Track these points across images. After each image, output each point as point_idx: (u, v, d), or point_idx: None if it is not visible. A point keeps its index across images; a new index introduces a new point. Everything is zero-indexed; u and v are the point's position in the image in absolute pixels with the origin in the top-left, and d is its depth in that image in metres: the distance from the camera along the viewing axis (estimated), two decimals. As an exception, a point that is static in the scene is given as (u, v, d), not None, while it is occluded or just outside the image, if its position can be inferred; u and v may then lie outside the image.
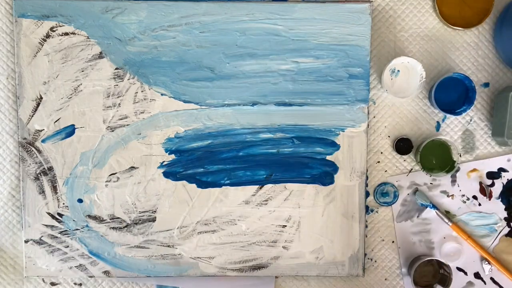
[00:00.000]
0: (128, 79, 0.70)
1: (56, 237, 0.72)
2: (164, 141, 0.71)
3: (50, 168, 0.71)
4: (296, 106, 0.71)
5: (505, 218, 0.74)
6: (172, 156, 0.71)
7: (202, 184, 0.72)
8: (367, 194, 0.73)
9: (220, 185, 0.72)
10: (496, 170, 0.73)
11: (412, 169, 0.74)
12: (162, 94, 0.71)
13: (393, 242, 0.74)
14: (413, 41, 0.72)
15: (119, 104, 0.71)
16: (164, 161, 0.71)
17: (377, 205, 0.74)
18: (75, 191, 0.71)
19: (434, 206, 0.71)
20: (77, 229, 0.72)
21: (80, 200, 0.72)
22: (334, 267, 0.73)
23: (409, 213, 0.74)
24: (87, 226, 0.72)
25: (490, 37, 0.72)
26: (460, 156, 0.73)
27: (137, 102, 0.71)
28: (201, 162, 0.71)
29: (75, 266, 0.72)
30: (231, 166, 0.72)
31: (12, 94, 0.71)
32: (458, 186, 0.73)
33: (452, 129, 0.73)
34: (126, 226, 0.72)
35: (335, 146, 0.72)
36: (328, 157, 0.72)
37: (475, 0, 0.70)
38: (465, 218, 0.74)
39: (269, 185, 0.72)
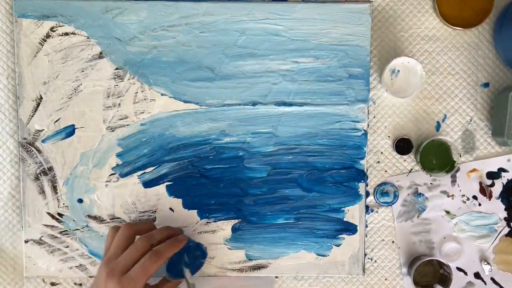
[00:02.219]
0: (128, 79, 0.70)
1: (56, 237, 0.72)
2: (164, 141, 0.71)
3: (50, 168, 0.71)
4: (296, 106, 0.71)
5: (505, 218, 0.74)
6: (172, 156, 0.72)
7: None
8: (367, 194, 0.73)
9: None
10: (496, 170, 0.74)
11: (412, 169, 0.74)
12: (162, 94, 0.71)
13: (393, 242, 0.74)
14: (413, 41, 0.72)
15: (119, 104, 0.71)
16: (164, 161, 0.72)
17: (377, 205, 0.74)
18: (75, 191, 0.71)
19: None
20: (77, 229, 0.72)
21: (80, 200, 0.72)
22: (334, 267, 0.73)
23: (409, 213, 0.74)
24: (87, 226, 0.72)
25: (490, 37, 0.72)
26: (460, 156, 0.73)
27: (137, 102, 0.71)
28: (201, 163, 0.71)
29: (75, 266, 0.72)
30: (231, 165, 0.72)
31: (12, 94, 0.71)
32: (458, 186, 0.74)
33: (452, 129, 0.73)
34: (126, 226, 0.72)
35: (335, 146, 0.72)
36: (328, 157, 0.72)
37: (475, 0, 0.70)
38: (465, 218, 0.74)
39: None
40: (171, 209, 0.72)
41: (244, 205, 0.72)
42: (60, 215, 0.72)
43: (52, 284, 0.73)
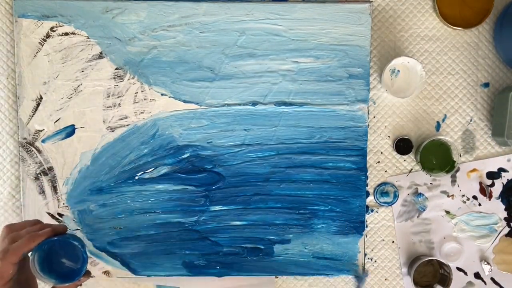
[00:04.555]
0: (128, 79, 0.70)
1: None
2: (164, 141, 0.71)
3: (50, 168, 0.71)
4: (296, 106, 0.71)
5: (505, 218, 0.74)
6: (172, 156, 0.72)
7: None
8: (367, 194, 0.73)
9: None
10: (496, 170, 0.74)
11: (412, 169, 0.74)
12: (162, 94, 0.71)
13: (393, 242, 0.74)
14: (413, 41, 0.72)
15: (119, 104, 0.71)
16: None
17: (377, 205, 0.74)
18: (75, 191, 0.71)
19: None
20: (77, 229, 0.72)
21: (80, 200, 0.71)
22: (335, 267, 0.73)
23: (409, 213, 0.74)
24: (87, 226, 0.72)
25: (490, 37, 0.72)
26: (460, 156, 0.73)
27: (137, 102, 0.71)
28: (201, 163, 0.71)
29: (75, 266, 0.72)
30: (232, 165, 0.72)
31: (12, 94, 0.71)
32: (458, 186, 0.74)
33: (452, 129, 0.73)
34: (126, 226, 0.72)
35: (335, 146, 0.72)
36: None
37: (475, 0, 0.70)
38: (465, 218, 0.74)
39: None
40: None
41: (245, 204, 0.72)
42: (60, 215, 0.72)
43: (52, 284, 0.73)
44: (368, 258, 0.74)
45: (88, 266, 0.71)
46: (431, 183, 0.73)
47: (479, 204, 0.74)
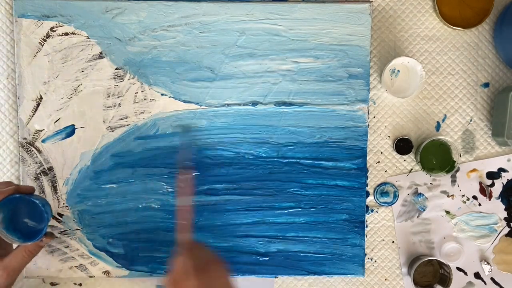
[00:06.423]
0: (128, 79, 0.70)
1: (56, 237, 0.72)
2: (164, 141, 0.71)
3: (50, 168, 0.71)
4: (296, 106, 0.71)
5: (505, 218, 0.74)
6: (172, 156, 0.72)
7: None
8: (367, 194, 0.73)
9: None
10: (496, 170, 0.74)
11: (412, 169, 0.74)
12: (162, 94, 0.71)
13: (393, 242, 0.74)
14: (413, 41, 0.72)
15: (119, 104, 0.71)
16: (164, 161, 0.72)
17: (377, 205, 0.74)
18: (75, 191, 0.71)
19: None
20: (77, 229, 0.72)
21: (80, 200, 0.71)
22: (334, 267, 0.73)
23: (409, 213, 0.74)
24: (87, 226, 0.72)
25: (490, 37, 0.72)
26: (460, 156, 0.73)
27: (137, 102, 0.71)
28: (202, 163, 0.72)
29: (75, 266, 0.72)
30: (232, 165, 0.72)
31: (12, 94, 0.71)
32: (458, 186, 0.74)
33: (452, 129, 0.73)
34: (126, 226, 0.72)
35: (335, 146, 0.72)
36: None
37: (475, 0, 0.70)
38: (465, 218, 0.74)
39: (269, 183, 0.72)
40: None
41: (245, 204, 0.72)
42: (60, 215, 0.72)
43: (52, 284, 0.73)
44: (368, 258, 0.74)
45: (88, 266, 0.72)
46: (431, 183, 0.73)
47: (479, 204, 0.74)
